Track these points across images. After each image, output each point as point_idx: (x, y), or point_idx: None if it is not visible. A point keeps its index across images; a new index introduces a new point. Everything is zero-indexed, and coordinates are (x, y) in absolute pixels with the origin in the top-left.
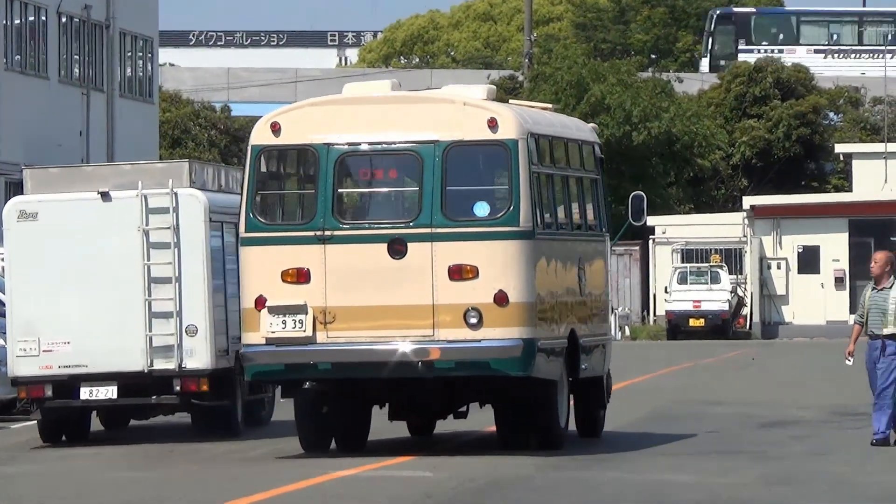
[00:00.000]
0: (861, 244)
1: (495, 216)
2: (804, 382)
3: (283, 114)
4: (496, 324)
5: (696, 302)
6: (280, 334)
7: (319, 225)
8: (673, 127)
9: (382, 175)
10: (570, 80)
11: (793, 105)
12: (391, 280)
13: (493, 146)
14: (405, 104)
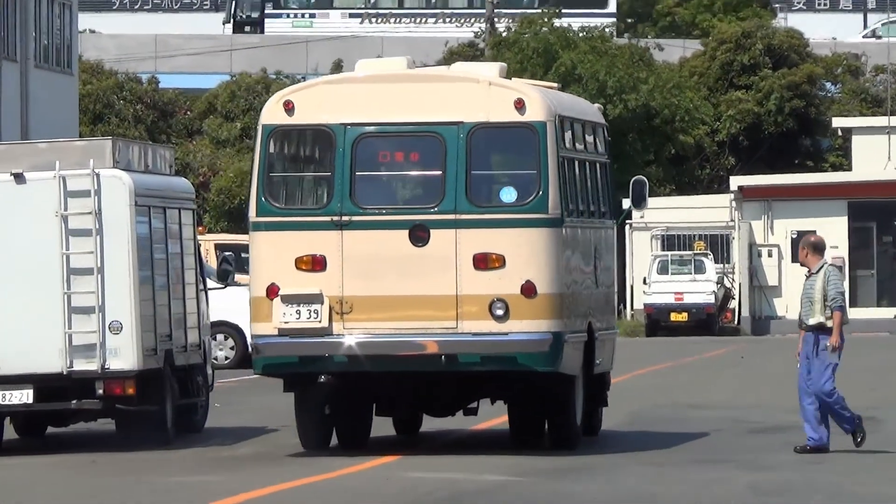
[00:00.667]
0: (862, 230)
1: (523, 202)
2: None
3: (297, 92)
4: (523, 316)
5: (678, 294)
6: (294, 325)
7: (336, 210)
8: (652, 100)
9: (403, 158)
10: (537, 48)
11: (785, 74)
12: (412, 268)
13: (521, 128)
14: (427, 83)
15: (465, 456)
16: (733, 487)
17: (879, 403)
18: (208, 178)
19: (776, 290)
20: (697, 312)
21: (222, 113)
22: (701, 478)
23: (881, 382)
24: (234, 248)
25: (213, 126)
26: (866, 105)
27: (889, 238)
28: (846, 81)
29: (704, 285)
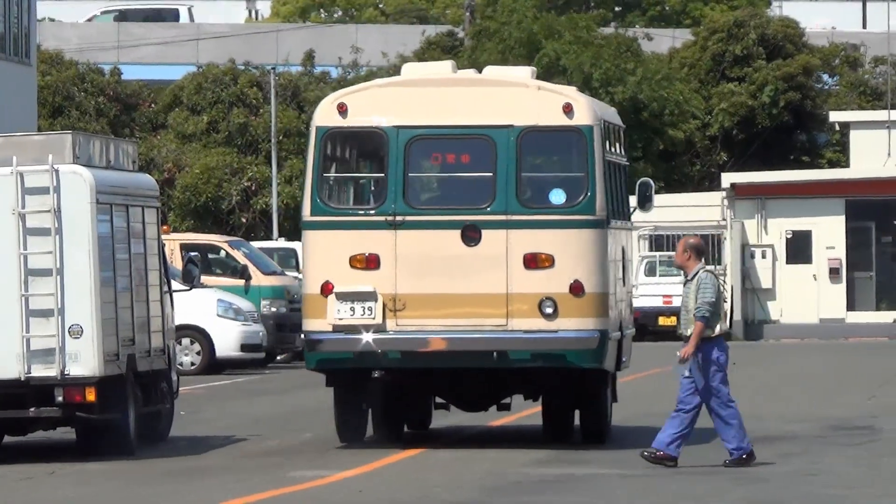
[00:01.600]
0: (860, 229)
1: (571, 204)
2: (792, 391)
3: (350, 94)
4: (571, 314)
5: (667, 297)
6: (348, 321)
7: (390, 210)
8: (640, 92)
9: (454, 159)
10: (520, 38)
11: (780, 66)
12: (464, 267)
13: (569, 132)
14: (477, 87)
15: (445, 468)
16: (725, 500)
17: (878, 412)
18: (173, 174)
19: (770, 292)
20: None
21: (188, 105)
22: (692, 491)
23: (880, 390)
24: (200, 248)
25: (178, 119)
26: (865, 98)
27: (888, 238)
28: (844, 73)
29: None
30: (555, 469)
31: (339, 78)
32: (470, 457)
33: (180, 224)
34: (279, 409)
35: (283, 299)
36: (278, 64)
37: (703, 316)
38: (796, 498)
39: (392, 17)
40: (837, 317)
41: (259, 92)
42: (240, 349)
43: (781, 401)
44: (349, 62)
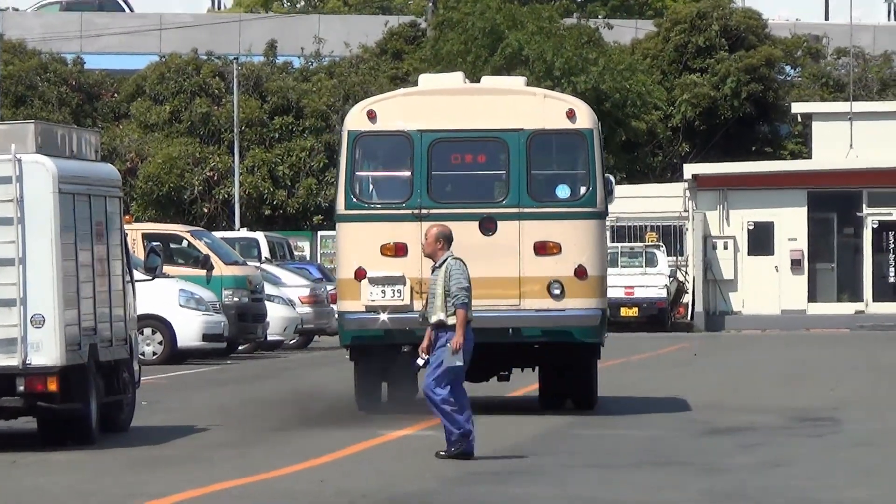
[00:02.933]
0: (822, 220)
1: (575, 198)
2: (754, 382)
3: (378, 102)
4: (576, 295)
5: (629, 288)
6: (380, 302)
7: (417, 204)
8: (602, 82)
9: (472, 159)
10: (483, 28)
11: (742, 57)
12: (482, 254)
13: (572, 135)
14: (490, 95)
15: (409, 459)
16: (686, 492)
17: (839, 404)
18: (136, 164)
19: (732, 284)
20: (649, 307)
21: (151, 95)
22: (652, 481)
23: (841, 382)
24: (162, 237)
25: (141, 109)
26: (827, 90)
27: (850, 229)
28: (806, 64)
29: (656, 279)
30: (517, 460)
31: (302, 68)
32: (434, 445)
33: (143, 214)
34: (241, 398)
35: (244, 289)
36: (241, 54)
37: (464, 302)
38: (758, 489)
39: (355, 8)
40: (799, 308)
41: (222, 82)
42: (201, 339)
43: (743, 392)
44: (312, 52)
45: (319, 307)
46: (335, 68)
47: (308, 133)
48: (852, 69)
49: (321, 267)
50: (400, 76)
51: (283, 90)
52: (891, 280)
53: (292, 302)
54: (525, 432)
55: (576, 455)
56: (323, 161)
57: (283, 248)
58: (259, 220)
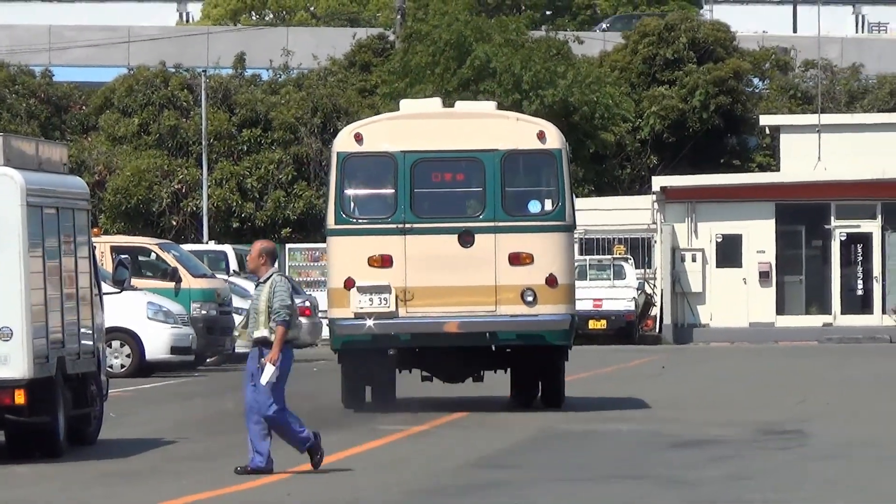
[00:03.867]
0: (790, 233)
1: (546, 212)
2: (722, 395)
3: (364, 126)
4: (548, 302)
5: (597, 301)
6: (368, 309)
7: (401, 219)
8: (570, 95)
9: (451, 178)
10: (450, 40)
11: (710, 69)
12: (461, 265)
13: (543, 154)
14: (467, 119)
15: (375, 470)
16: None
17: (808, 416)
18: (104, 176)
19: (700, 296)
20: (617, 320)
21: (119, 108)
22: (619, 495)
23: (809, 395)
24: (130, 250)
25: (109, 122)
26: (795, 102)
27: (818, 242)
28: (775, 77)
29: (624, 291)
30: (483, 473)
31: (270, 80)
32: (403, 458)
33: (111, 226)
34: (209, 411)
35: (213, 302)
36: (209, 66)
37: (285, 319)
38: (726, 502)
39: (323, 20)
40: (767, 321)
41: (190, 94)
42: (169, 352)
43: (711, 405)
44: (280, 65)
45: None
46: (303, 80)
47: (276, 145)
48: (820, 81)
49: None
50: (368, 88)
51: (252, 103)
52: (858, 293)
53: None
54: (494, 444)
55: (544, 468)
56: (291, 173)
57: None
58: (227, 232)
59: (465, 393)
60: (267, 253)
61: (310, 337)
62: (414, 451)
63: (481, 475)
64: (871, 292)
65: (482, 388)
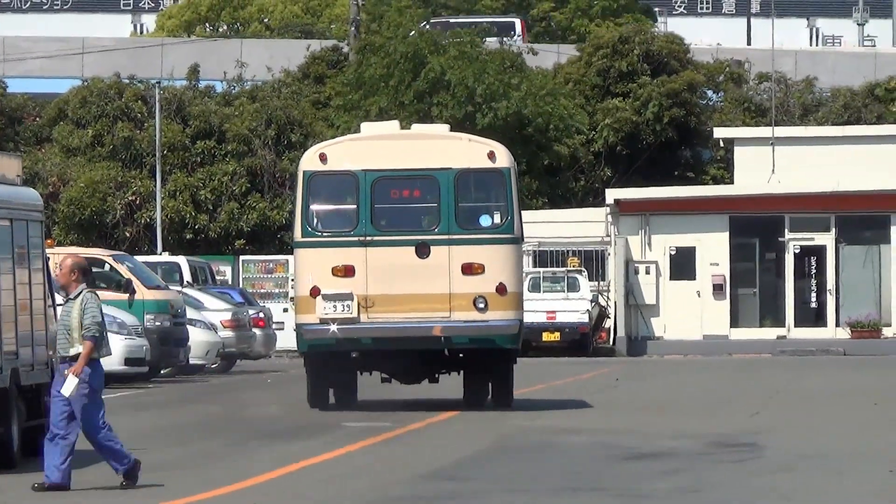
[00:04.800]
0: (744, 245)
1: (496, 226)
2: (676, 407)
3: (328, 147)
4: (498, 308)
5: (551, 313)
6: (332, 315)
7: (362, 232)
8: (524, 107)
9: (408, 194)
10: (405, 52)
11: (665, 82)
12: (417, 274)
13: (493, 173)
14: (423, 140)
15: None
16: None
17: (761, 428)
18: (58, 188)
19: (653, 308)
20: (571, 332)
21: (73, 119)
22: None
23: (762, 407)
24: None
25: (63, 133)
26: (749, 114)
27: (772, 255)
28: (728, 89)
29: (578, 304)
30: (434, 484)
31: (224, 92)
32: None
33: (65, 238)
34: (163, 423)
35: (166, 313)
36: (163, 78)
37: (94, 335)
38: None
39: (277, 32)
40: (721, 333)
41: (144, 106)
42: (123, 363)
43: (664, 417)
44: (234, 76)
45: (241, 331)
46: (257, 92)
47: (230, 157)
48: (774, 94)
49: (243, 291)
50: (322, 100)
51: (206, 114)
52: (812, 305)
53: (214, 326)
54: (448, 455)
55: (497, 480)
56: (245, 185)
57: (205, 272)
58: (181, 244)
59: (421, 395)
60: (79, 269)
61: (263, 348)
62: (367, 463)
63: (433, 487)
64: (825, 305)
65: (438, 392)
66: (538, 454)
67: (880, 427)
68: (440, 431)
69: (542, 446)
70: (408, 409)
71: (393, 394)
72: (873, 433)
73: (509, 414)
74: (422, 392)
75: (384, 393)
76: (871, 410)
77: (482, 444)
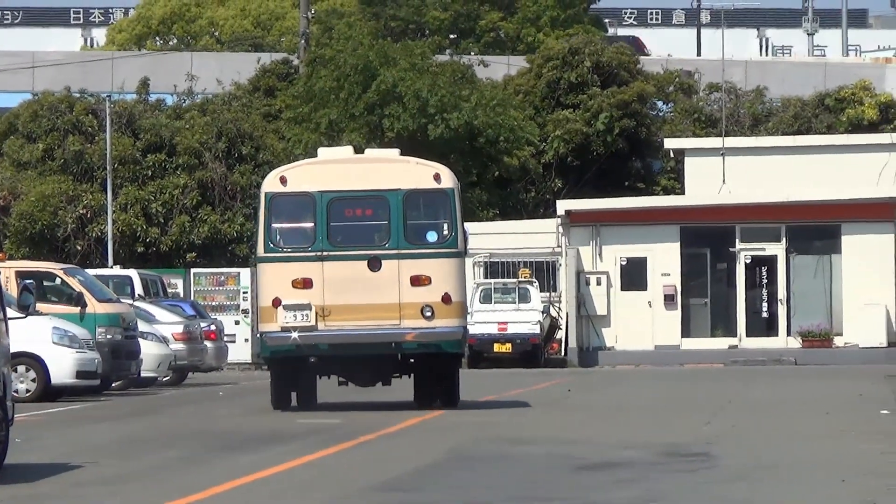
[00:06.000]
0: (695, 256)
1: (441, 241)
2: (628, 417)
3: (288, 170)
4: (443, 316)
5: (502, 324)
6: (292, 324)
7: (319, 248)
8: (475, 118)
9: (361, 213)
10: (355, 65)
11: (615, 93)
12: (370, 286)
13: (438, 193)
14: (374, 163)
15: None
16: None
17: (713, 439)
18: (9, 201)
19: (604, 319)
20: (522, 343)
21: (24, 133)
22: None
23: (714, 417)
24: (35, 275)
25: (13, 147)
26: (700, 125)
27: (723, 265)
28: (679, 100)
29: (529, 315)
30: (387, 496)
31: (175, 105)
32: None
33: (16, 252)
34: (115, 435)
35: (118, 326)
36: (114, 91)
37: None
38: None
39: (227, 45)
40: (672, 343)
41: (95, 119)
42: (75, 376)
43: (617, 427)
44: (184, 90)
45: (193, 344)
46: (208, 105)
47: (181, 170)
48: (724, 104)
49: (195, 304)
50: (273, 113)
51: (156, 127)
52: (764, 315)
53: (166, 339)
54: (401, 466)
55: (451, 490)
56: (196, 198)
57: (157, 285)
58: (132, 257)
59: (376, 397)
60: None
61: (215, 361)
62: (320, 475)
63: (385, 498)
64: (777, 315)
65: (391, 395)
66: (493, 464)
67: (832, 436)
68: (394, 442)
69: (497, 457)
70: (364, 414)
71: (349, 396)
72: (826, 442)
73: (463, 424)
74: (376, 394)
75: (343, 395)
76: (824, 419)
77: (436, 454)
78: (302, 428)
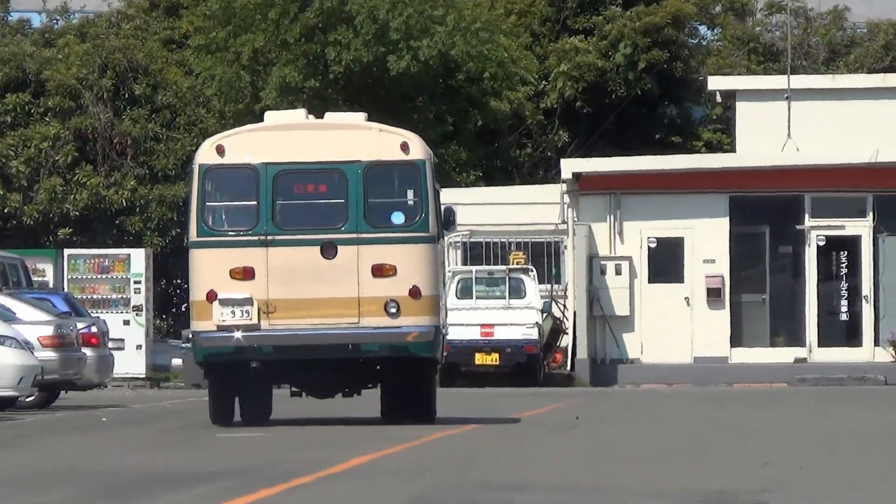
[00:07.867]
0: (750, 236)
1: (409, 224)
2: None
3: (226, 138)
4: (411, 313)
5: (487, 327)
6: (230, 322)
7: (262, 231)
8: (452, 47)
9: (314, 189)
10: None
11: (641, 14)
12: (323, 277)
13: (406, 166)
14: (329, 130)
15: None
16: None
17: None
18: None
19: (626, 322)
20: (513, 353)
21: None
22: None
23: (774, 456)
24: None
25: None
26: (757, 59)
27: (787, 248)
28: (728, 24)
29: (524, 315)
30: None
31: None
32: None
33: None
34: None
35: None
36: None
37: None
38: None
39: None
40: (718, 355)
41: None
42: None
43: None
44: (57, 7)
45: (67, 351)
46: (88, 29)
47: (52, 116)
48: (790, 30)
49: (69, 297)
50: (177, 39)
51: (18, 58)
52: (842, 317)
53: (30, 344)
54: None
55: None
56: (72, 154)
57: (17, 271)
58: None
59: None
60: None
61: (96, 375)
62: None
63: None
64: (860, 317)
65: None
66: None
67: None
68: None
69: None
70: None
71: (317, 409)
72: None
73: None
74: (347, 407)
75: (309, 408)
76: None
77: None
78: (215, 464)
